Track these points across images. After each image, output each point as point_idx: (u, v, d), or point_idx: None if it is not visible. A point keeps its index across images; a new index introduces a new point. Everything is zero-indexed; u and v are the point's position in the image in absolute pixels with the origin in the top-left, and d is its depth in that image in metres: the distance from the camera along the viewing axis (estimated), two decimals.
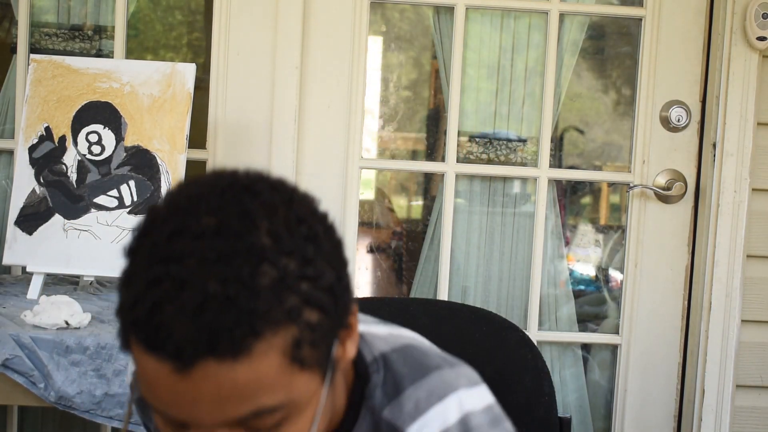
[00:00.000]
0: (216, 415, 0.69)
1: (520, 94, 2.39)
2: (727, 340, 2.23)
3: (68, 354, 1.60)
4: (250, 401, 0.69)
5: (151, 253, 0.69)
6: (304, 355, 0.70)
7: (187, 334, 0.66)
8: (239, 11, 2.24)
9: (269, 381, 0.69)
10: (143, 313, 0.67)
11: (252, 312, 0.66)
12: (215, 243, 0.67)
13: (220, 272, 0.66)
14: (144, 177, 1.98)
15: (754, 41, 2.15)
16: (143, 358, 0.69)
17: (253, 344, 0.67)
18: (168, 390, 0.69)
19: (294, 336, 0.69)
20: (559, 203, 2.42)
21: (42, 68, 2.03)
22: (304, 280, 0.69)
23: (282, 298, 0.68)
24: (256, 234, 0.68)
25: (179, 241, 0.68)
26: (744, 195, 2.21)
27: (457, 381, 0.85)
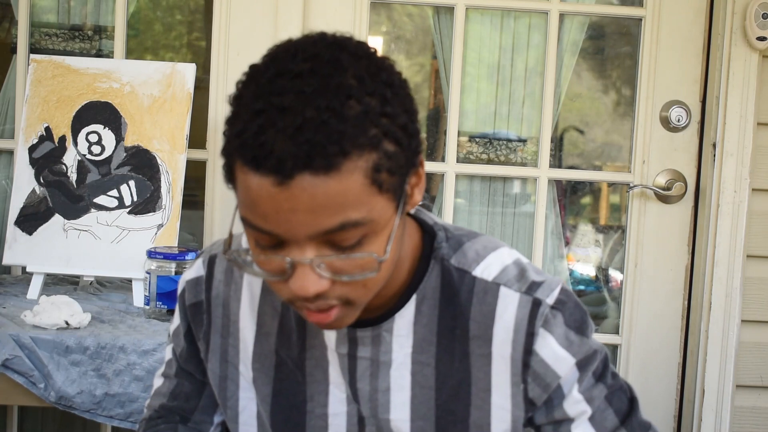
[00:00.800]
0: (309, 226, 0.81)
1: (520, 94, 2.39)
2: (727, 340, 2.23)
3: (68, 354, 1.60)
4: (339, 214, 0.81)
5: (255, 93, 0.82)
6: (383, 179, 0.82)
7: (287, 151, 0.78)
8: (239, 11, 2.24)
9: (354, 197, 0.81)
10: (249, 136, 0.80)
11: (342, 135, 0.79)
12: (310, 81, 0.80)
13: (315, 102, 0.79)
14: (144, 177, 1.98)
15: (754, 41, 2.15)
16: (248, 178, 0.81)
17: (342, 162, 0.79)
18: (269, 203, 0.80)
19: (374, 161, 0.81)
20: (559, 203, 2.42)
21: (42, 68, 2.03)
22: (383, 116, 0.82)
23: (365, 128, 0.81)
24: (344, 76, 0.81)
25: (279, 80, 0.81)
26: (744, 195, 2.21)
27: (499, 241, 1.04)
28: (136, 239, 1.95)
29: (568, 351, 0.97)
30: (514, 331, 0.96)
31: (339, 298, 0.87)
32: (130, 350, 1.61)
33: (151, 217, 1.96)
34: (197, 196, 2.33)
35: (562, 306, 0.97)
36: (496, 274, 0.98)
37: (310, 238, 0.82)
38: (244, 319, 1.05)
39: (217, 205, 2.26)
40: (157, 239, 1.95)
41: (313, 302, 0.86)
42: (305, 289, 0.84)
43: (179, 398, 1.13)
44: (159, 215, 1.96)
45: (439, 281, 0.99)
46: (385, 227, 0.85)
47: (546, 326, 0.96)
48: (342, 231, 0.82)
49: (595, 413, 0.99)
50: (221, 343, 1.06)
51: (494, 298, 0.97)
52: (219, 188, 2.25)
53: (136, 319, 1.79)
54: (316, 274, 0.84)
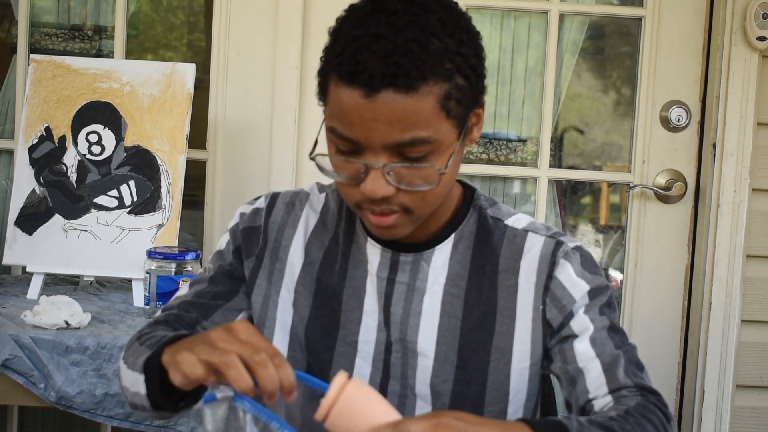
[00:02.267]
0: (385, 136, 0.96)
1: (520, 94, 2.39)
2: (727, 340, 2.23)
3: (68, 354, 1.60)
4: (411, 130, 0.96)
5: (355, 23, 0.98)
6: (451, 107, 0.97)
7: (377, 69, 0.94)
8: (239, 11, 2.24)
9: (426, 116, 0.96)
10: (347, 56, 0.96)
11: (423, 63, 0.94)
12: (402, 17, 0.96)
13: (404, 34, 0.95)
14: (144, 177, 1.98)
15: (754, 41, 2.15)
16: (341, 91, 0.97)
17: (420, 85, 0.95)
18: (356, 112, 0.96)
19: (446, 90, 0.97)
20: (559, 203, 2.42)
21: (42, 68, 2.03)
22: (458, 55, 0.97)
23: (443, 61, 0.96)
24: (430, 17, 0.97)
25: (377, 14, 0.97)
26: (744, 195, 2.21)
27: None
28: (136, 239, 1.95)
29: (583, 278, 1.10)
30: (538, 262, 1.11)
31: (400, 205, 1.01)
32: None
33: (151, 217, 1.96)
34: (197, 196, 2.33)
35: (580, 250, 1.12)
36: (525, 224, 1.15)
37: (384, 147, 0.97)
38: (295, 246, 1.17)
39: (217, 205, 2.26)
40: (157, 239, 1.95)
41: (378, 205, 1.00)
42: (374, 191, 0.98)
43: (205, 296, 1.19)
44: (159, 215, 1.96)
45: (475, 225, 1.14)
46: (447, 148, 1.00)
47: (566, 257, 1.11)
48: (411, 145, 0.96)
49: (596, 336, 1.10)
50: (270, 264, 1.17)
51: (523, 239, 1.13)
52: (219, 188, 2.25)
53: (136, 319, 1.79)
54: (385, 179, 0.98)
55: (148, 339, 1.06)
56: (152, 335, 1.07)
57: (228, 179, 2.25)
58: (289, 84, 2.22)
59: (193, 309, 1.17)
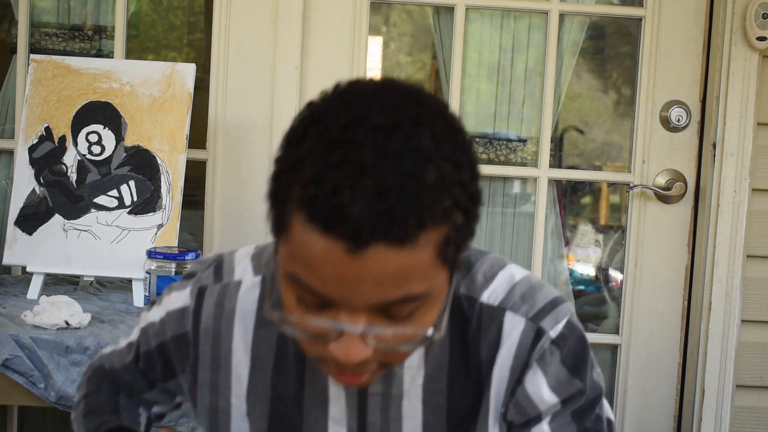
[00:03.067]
0: (372, 297, 0.76)
1: (520, 94, 2.39)
2: (727, 340, 2.23)
3: (68, 354, 1.60)
4: (404, 287, 0.76)
5: (329, 141, 0.74)
6: (449, 253, 0.78)
7: (365, 217, 0.72)
8: (239, 11, 2.24)
9: (421, 270, 0.76)
10: (323, 193, 0.72)
11: (422, 204, 0.73)
12: (392, 137, 0.74)
13: (398, 164, 0.73)
14: (144, 177, 1.98)
15: (754, 41, 2.15)
16: (313, 238, 0.74)
17: (419, 235, 0.74)
18: (334, 269, 0.74)
19: (445, 233, 0.76)
20: (559, 203, 2.42)
21: (42, 68, 2.03)
22: (457, 184, 0.77)
23: (441, 197, 0.75)
24: (423, 136, 0.75)
25: (357, 131, 0.74)
26: (744, 195, 2.21)
27: (506, 260, 1.00)
28: (136, 239, 1.94)
29: (555, 392, 0.94)
30: (514, 357, 0.94)
31: (376, 362, 0.83)
32: None
33: (151, 217, 1.96)
34: (197, 196, 2.33)
35: (563, 342, 0.94)
36: (502, 297, 0.95)
37: (368, 309, 0.77)
38: (237, 353, 0.99)
39: (217, 205, 2.26)
40: (157, 239, 1.95)
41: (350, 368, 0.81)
42: (349, 357, 0.79)
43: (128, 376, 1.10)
44: (159, 215, 1.96)
45: (449, 310, 0.93)
46: (438, 298, 0.81)
47: (540, 362, 0.93)
48: (401, 303, 0.77)
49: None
50: (211, 376, 1.01)
51: (500, 324, 0.94)
52: (219, 188, 2.25)
53: (136, 319, 1.79)
54: (363, 342, 0.78)
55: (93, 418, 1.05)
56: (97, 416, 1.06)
57: (228, 179, 2.25)
58: (289, 84, 2.22)
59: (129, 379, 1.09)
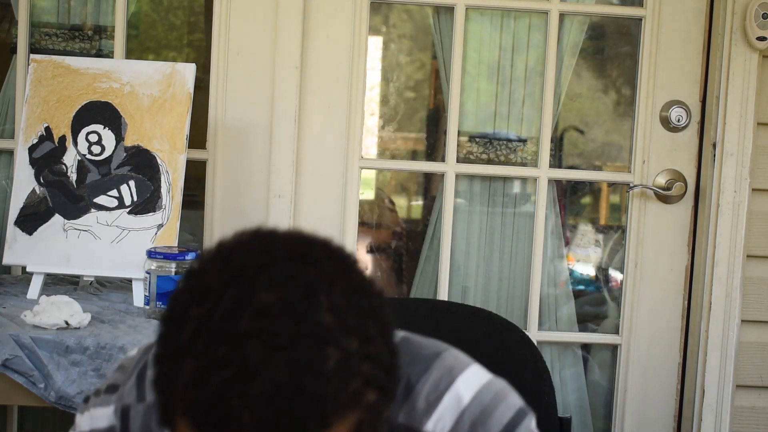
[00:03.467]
0: None
1: (520, 94, 2.39)
2: (727, 340, 2.22)
3: (68, 354, 1.60)
4: None
5: (210, 329, 0.65)
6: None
7: (257, 425, 0.63)
8: (239, 11, 2.24)
9: None
10: (208, 398, 0.64)
11: (322, 401, 0.64)
12: (279, 323, 0.64)
13: (288, 358, 0.63)
14: (144, 177, 1.98)
15: (754, 41, 2.15)
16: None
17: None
18: None
19: (357, 420, 0.66)
20: (559, 203, 2.42)
21: (42, 68, 2.03)
22: (365, 359, 0.67)
23: (347, 382, 0.65)
24: (319, 311, 0.65)
25: (240, 318, 0.64)
26: (744, 195, 2.21)
27: (457, 364, 0.86)
28: (136, 239, 1.94)
29: None
30: None
31: None
32: (129, 350, 1.61)
33: (151, 217, 1.96)
34: (197, 196, 2.33)
35: None
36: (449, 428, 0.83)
37: None
38: None
39: (217, 205, 2.26)
40: (157, 239, 1.95)
41: None
42: None
43: None
44: (159, 215, 1.96)
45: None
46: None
47: None
48: None
49: None
50: None
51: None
52: (219, 188, 2.25)
53: (136, 319, 1.79)
54: None
55: None
56: None
57: (228, 179, 2.25)
58: (289, 84, 2.22)
59: None
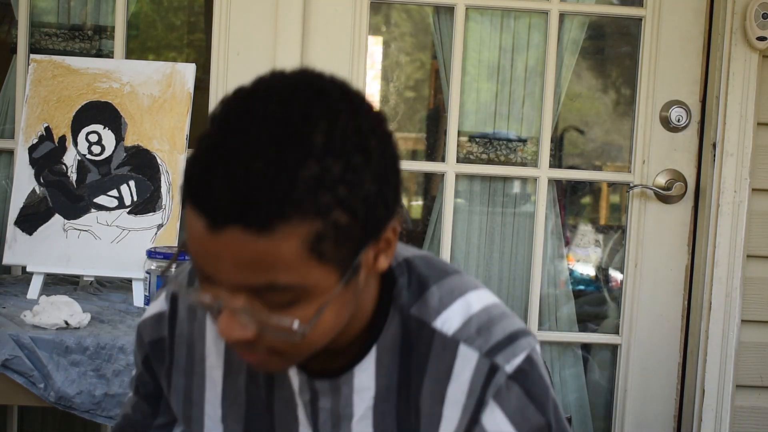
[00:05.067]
0: (233, 278, 0.78)
1: (520, 94, 2.39)
2: (727, 340, 2.22)
3: (68, 354, 1.60)
4: (265, 274, 0.77)
5: (221, 125, 0.78)
6: (325, 250, 0.77)
7: (224, 199, 0.74)
8: (239, 11, 2.24)
9: (285, 262, 0.76)
10: (197, 170, 0.77)
11: (285, 196, 0.74)
12: (273, 129, 0.75)
13: (268, 154, 0.74)
14: (144, 177, 1.98)
15: (754, 41, 2.15)
16: (190, 213, 0.78)
17: (278, 225, 0.74)
18: (200, 243, 0.78)
19: (318, 230, 0.76)
20: (559, 203, 2.42)
21: (42, 68, 2.03)
22: (342, 184, 0.76)
23: (317, 194, 0.75)
24: (312, 132, 0.76)
25: (244, 119, 0.77)
26: (744, 195, 2.20)
27: (473, 283, 0.96)
28: (136, 239, 1.95)
29: (516, 426, 0.90)
30: (467, 396, 0.90)
31: (266, 349, 0.83)
32: (129, 350, 1.61)
33: (151, 217, 1.96)
34: None
35: (521, 377, 0.90)
36: (456, 327, 0.91)
37: (236, 288, 0.78)
38: (210, 358, 1.00)
39: None
40: (157, 239, 1.95)
41: (237, 347, 0.83)
42: (227, 333, 0.80)
43: (138, 413, 1.10)
44: (159, 215, 1.96)
45: (399, 331, 0.92)
46: (321, 295, 0.80)
47: (497, 398, 0.90)
48: (268, 292, 0.78)
49: None
50: (185, 383, 1.01)
51: (452, 356, 0.91)
52: None
53: (136, 319, 1.79)
54: (238, 323, 0.80)
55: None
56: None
57: None
58: None
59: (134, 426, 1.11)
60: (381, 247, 0.84)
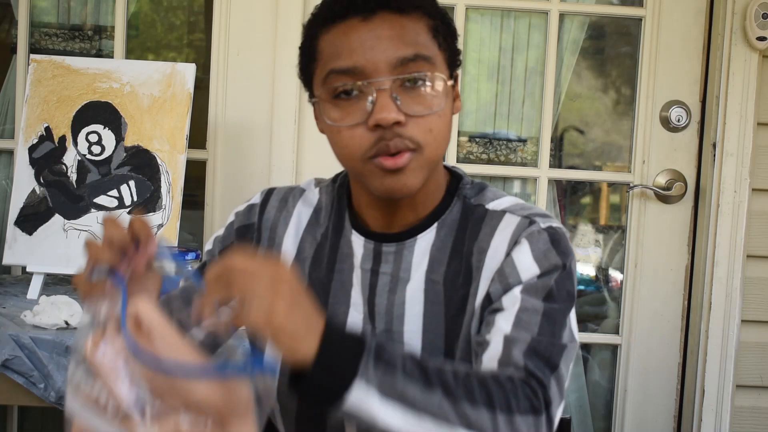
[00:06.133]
0: (389, 52, 1.01)
1: (520, 94, 2.39)
2: (727, 340, 2.23)
3: (68, 354, 1.60)
4: (413, 45, 1.02)
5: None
6: (440, 41, 1.05)
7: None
8: (239, 11, 2.24)
9: (423, 37, 1.04)
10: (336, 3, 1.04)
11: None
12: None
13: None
14: (144, 177, 1.98)
15: (754, 41, 2.15)
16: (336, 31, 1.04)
17: (412, 10, 1.04)
18: (356, 37, 1.02)
19: (434, 24, 1.05)
20: (559, 203, 2.42)
21: (42, 68, 2.03)
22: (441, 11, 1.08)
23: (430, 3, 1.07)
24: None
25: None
26: (744, 195, 2.21)
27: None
28: None
29: (537, 263, 1.06)
30: (507, 243, 1.08)
31: (411, 139, 1.02)
32: None
33: (151, 217, 1.96)
34: (197, 196, 2.33)
35: (552, 231, 1.08)
36: (506, 206, 1.12)
37: (388, 66, 1.00)
38: (287, 243, 1.18)
39: (217, 205, 2.26)
40: None
41: (390, 139, 1.00)
42: (385, 116, 0.99)
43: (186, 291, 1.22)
44: (159, 215, 1.96)
45: (459, 215, 1.13)
46: (442, 78, 1.04)
47: (529, 237, 1.07)
48: (414, 61, 1.01)
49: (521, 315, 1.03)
50: None
51: (498, 220, 1.11)
52: (219, 188, 2.25)
53: None
54: (394, 103, 1.00)
55: None
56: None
57: (228, 179, 2.25)
58: (289, 84, 2.22)
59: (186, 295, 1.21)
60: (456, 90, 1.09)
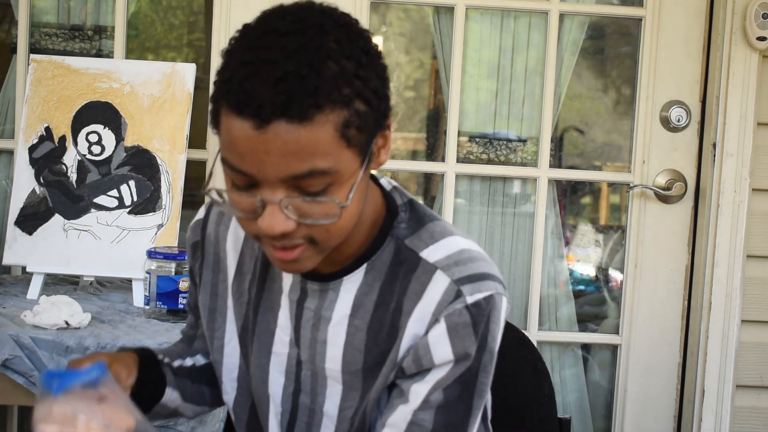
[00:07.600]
0: (280, 169, 0.90)
1: (520, 94, 2.39)
2: (727, 340, 2.23)
3: (68, 354, 1.60)
4: (308, 161, 0.90)
5: (245, 46, 0.92)
6: (351, 135, 0.91)
7: (267, 98, 0.87)
8: (239, 11, 2.24)
9: (323, 147, 0.90)
10: (236, 84, 0.89)
11: (317, 89, 0.88)
12: (294, 39, 0.90)
13: (297, 58, 0.88)
14: (144, 177, 1.98)
15: (754, 41, 2.15)
16: (231, 121, 0.91)
17: (315, 114, 0.88)
18: (247, 145, 0.90)
19: (345, 117, 0.90)
20: (559, 203, 2.42)
21: (42, 68, 2.03)
22: (357, 78, 0.91)
23: (340, 86, 0.89)
24: (326, 39, 0.91)
25: (267, 37, 0.91)
26: (744, 195, 2.21)
27: (463, 234, 1.09)
28: (136, 239, 1.95)
29: (453, 349, 1.01)
30: (431, 313, 1.02)
31: (304, 238, 0.95)
32: None
33: (151, 217, 1.96)
34: (197, 196, 2.32)
35: (476, 310, 1.01)
36: (439, 258, 1.04)
37: (280, 180, 0.91)
38: (229, 257, 1.15)
39: None
40: (157, 239, 1.95)
41: (279, 241, 0.94)
42: (272, 227, 0.92)
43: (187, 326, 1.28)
44: (159, 215, 1.96)
45: (390, 257, 1.06)
46: (349, 179, 0.94)
47: (448, 318, 1.01)
48: (309, 177, 0.91)
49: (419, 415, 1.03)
50: (212, 278, 1.17)
51: (428, 279, 1.03)
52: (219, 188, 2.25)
53: (136, 319, 1.79)
54: (283, 214, 0.92)
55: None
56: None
57: None
58: None
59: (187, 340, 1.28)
60: (383, 140, 0.99)
